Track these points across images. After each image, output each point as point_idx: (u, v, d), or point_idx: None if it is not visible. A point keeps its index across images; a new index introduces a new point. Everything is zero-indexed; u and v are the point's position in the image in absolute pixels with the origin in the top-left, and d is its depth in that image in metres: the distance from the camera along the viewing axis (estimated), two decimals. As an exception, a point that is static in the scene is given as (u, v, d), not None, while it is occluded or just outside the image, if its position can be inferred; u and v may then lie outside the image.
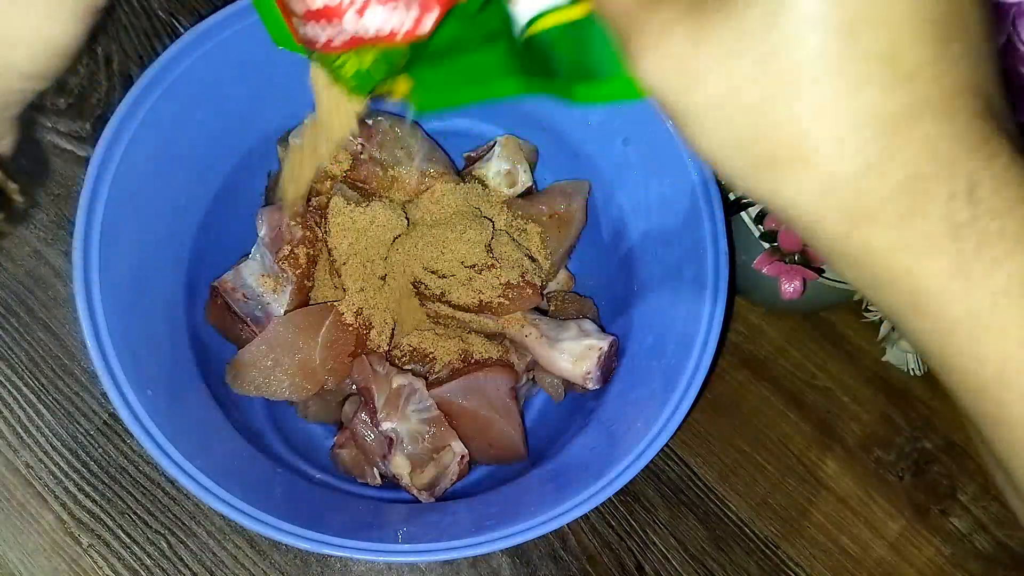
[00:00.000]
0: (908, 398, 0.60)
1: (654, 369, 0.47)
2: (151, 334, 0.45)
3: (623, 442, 0.44)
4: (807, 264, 0.46)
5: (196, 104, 0.46)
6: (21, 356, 0.54)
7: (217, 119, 0.48)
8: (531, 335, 0.50)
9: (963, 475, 0.59)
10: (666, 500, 0.56)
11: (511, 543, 0.41)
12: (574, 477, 0.45)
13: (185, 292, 0.49)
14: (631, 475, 0.43)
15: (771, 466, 0.58)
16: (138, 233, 0.45)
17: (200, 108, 0.46)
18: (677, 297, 0.48)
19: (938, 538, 0.57)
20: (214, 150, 0.49)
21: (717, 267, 0.46)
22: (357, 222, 0.49)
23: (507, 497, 0.47)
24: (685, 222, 0.47)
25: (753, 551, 0.56)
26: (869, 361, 0.60)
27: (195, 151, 0.47)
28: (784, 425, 0.59)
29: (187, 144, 0.46)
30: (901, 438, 0.59)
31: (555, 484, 0.46)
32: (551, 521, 0.42)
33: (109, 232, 0.43)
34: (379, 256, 0.49)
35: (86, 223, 0.42)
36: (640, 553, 0.55)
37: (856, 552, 0.56)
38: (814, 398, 0.59)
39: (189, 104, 0.45)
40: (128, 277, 0.44)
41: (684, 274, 0.47)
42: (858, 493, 0.58)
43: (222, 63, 0.46)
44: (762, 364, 0.60)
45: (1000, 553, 0.57)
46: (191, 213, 0.49)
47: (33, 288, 0.55)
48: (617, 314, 0.53)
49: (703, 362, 0.45)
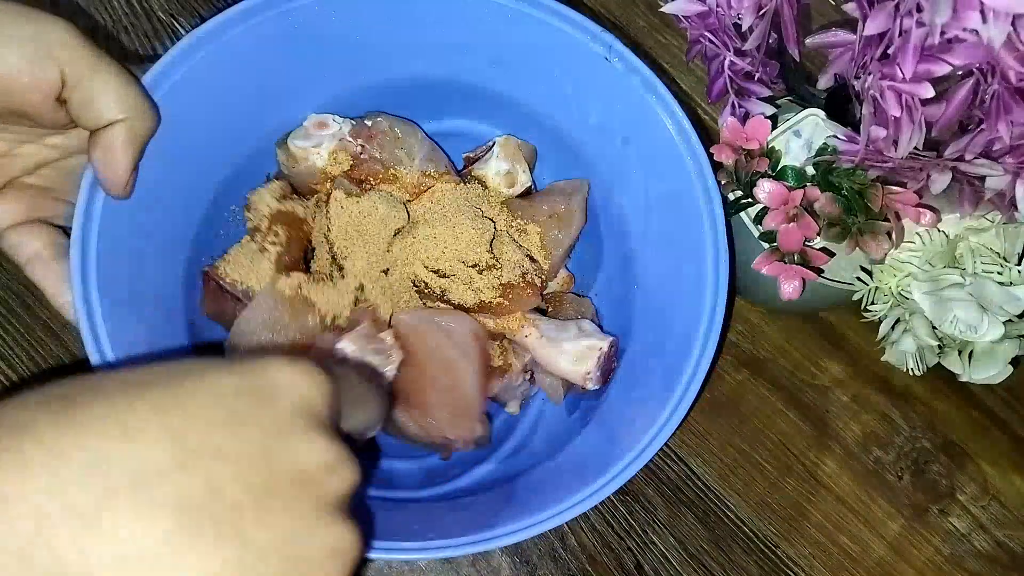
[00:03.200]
0: (908, 398, 0.60)
1: (654, 368, 0.47)
2: (150, 339, 0.45)
3: (623, 441, 0.44)
4: (806, 264, 0.46)
5: (196, 106, 0.46)
6: (21, 356, 0.54)
7: (217, 122, 0.48)
8: (531, 335, 0.50)
9: (962, 475, 0.59)
10: (665, 499, 0.56)
11: (512, 540, 0.41)
12: (574, 475, 0.45)
13: (184, 293, 0.49)
14: (631, 473, 0.43)
15: (770, 466, 0.58)
16: (136, 236, 0.45)
17: (200, 110, 0.46)
18: (677, 296, 0.48)
19: (937, 538, 0.57)
20: (214, 152, 0.49)
21: (717, 267, 0.46)
22: (357, 214, 0.49)
23: (507, 495, 0.47)
24: (685, 221, 0.47)
25: (752, 551, 0.56)
26: (869, 361, 0.60)
27: (195, 153, 0.47)
28: (783, 425, 0.59)
29: (187, 146, 0.46)
30: (900, 438, 0.59)
31: (555, 483, 0.46)
32: (552, 519, 0.42)
33: (107, 236, 0.43)
34: (381, 250, 0.49)
35: (83, 227, 0.42)
36: (639, 552, 0.55)
37: (855, 551, 0.56)
38: (813, 398, 0.59)
39: (189, 106, 0.45)
40: (126, 278, 0.44)
41: (684, 273, 0.47)
42: (857, 493, 0.58)
43: (223, 65, 0.46)
44: (762, 364, 0.60)
45: (999, 553, 0.57)
46: (190, 215, 0.49)
47: (34, 288, 0.54)
48: (617, 313, 0.53)
49: (703, 362, 0.45)
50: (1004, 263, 0.47)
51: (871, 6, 0.37)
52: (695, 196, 0.47)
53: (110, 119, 0.39)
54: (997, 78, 0.36)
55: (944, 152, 0.40)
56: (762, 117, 0.46)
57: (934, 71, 0.36)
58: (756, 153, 0.46)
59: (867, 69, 0.39)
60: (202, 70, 0.45)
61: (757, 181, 0.46)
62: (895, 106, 0.38)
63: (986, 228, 0.48)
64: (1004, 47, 0.35)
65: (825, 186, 0.45)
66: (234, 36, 0.45)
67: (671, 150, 0.47)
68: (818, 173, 0.46)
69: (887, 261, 0.48)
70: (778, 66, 0.47)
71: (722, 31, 0.44)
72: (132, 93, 0.39)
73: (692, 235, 0.47)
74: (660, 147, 0.48)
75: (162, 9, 0.61)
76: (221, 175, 0.50)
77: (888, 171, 0.43)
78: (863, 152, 0.41)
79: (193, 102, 0.45)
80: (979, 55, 0.36)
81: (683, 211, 0.48)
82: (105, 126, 0.39)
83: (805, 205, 0.45)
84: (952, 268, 0.48)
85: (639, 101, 0.48)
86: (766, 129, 0.46)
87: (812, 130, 0.47)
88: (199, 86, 0.45)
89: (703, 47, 0.46)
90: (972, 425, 0.60)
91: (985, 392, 0.60)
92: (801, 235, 0.45)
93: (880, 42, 0.38)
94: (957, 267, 0.48)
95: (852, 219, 0.45)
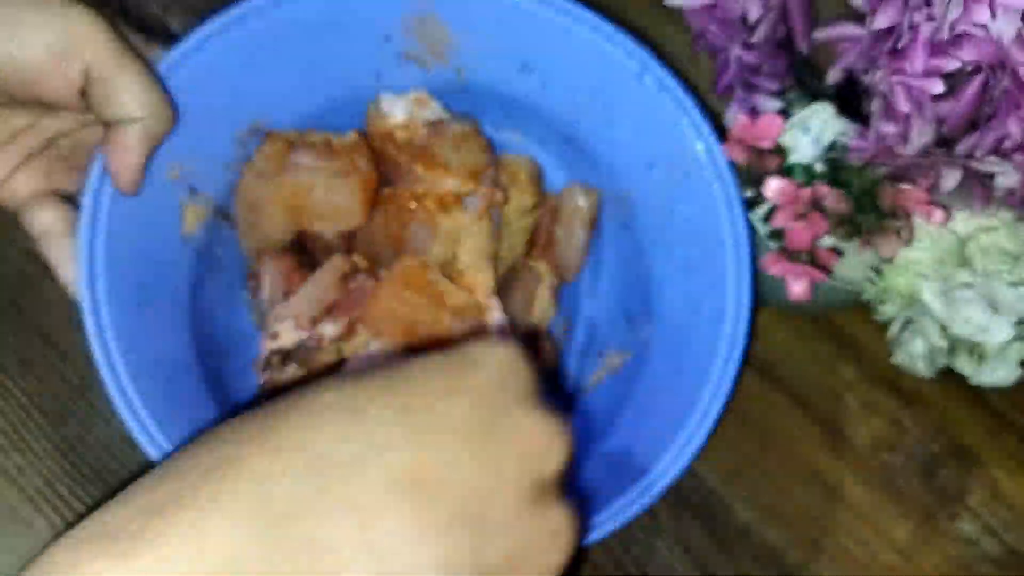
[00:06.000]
0: (917, 401, 0.59)
1: (668, 399, 0.47)
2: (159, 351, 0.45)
3: (630, 473, 0.44)
4: (815, 264, 0.46)
5: (209, 98, 0.46)
6: (12, 359, 0.53)
7: (227, 120, 0.48)
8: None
9: (972, 479, 0.58)
10: (670, 504, 0.55)
11: None
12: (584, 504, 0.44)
13: (191, 285, 0.49)
14: (632, 514, 0.43)
15: (778, 470, 0.57)
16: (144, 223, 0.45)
17: (214, 101, 0.46)
18: (696, 324, 0.47)
19: (947, 543, 0.57)
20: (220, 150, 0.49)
21: (739, 294, 0.46)
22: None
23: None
24: (708, 247, 0.47)
25: (759, 556, 0.55)
26: (878, 363, 0.59)
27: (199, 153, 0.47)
28: (791, 428, 0.58)
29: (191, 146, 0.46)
30: (910, 441, 0.59)
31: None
32: None
33: (116, 216, 0.43)
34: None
35: (92, 208, 0.42)
36: (644, 557, 0.54)
37: (864, 557, 0.56)
38: (822, 400, 0.59)
39: (200, 98, 0.45)
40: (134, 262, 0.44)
41: (704, 300, 0.47)
42: (866, 497, 0.57)
43: (235, 59, 0.46)
44: (769, 366, 0.59)
45: (1009, 558, 0.57)
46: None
47: (24, 289, 0.54)
48: (633, 338, 0.53)
49: (717, 400, 0.45)
50: (1015, 262, 0.47)
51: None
52: (720, 221, 0.46)
53: (127, 117, 0.40)
54: (1007, 74, 0.36)
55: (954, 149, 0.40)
56: (774, 115, 0.46)
57: (944, 66, 0.36)
58: (765, 151, 0.46)
59: (876, 64, 0.39)
60: (217, 62, 0.45)
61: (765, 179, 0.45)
62: (905, 102, 0.38)
63: (996, 227, 0.47)
64: (1013, 42, 0.35)
65: (834, 183, 0.45)
66: (243, 34, 0.46)
67: (699, 172, 0.47)
68: (827, 170, 0.45)
69: (896, 261, 0.48)
70: (786, 60, 0.47)
71: (728, 23, 0.44)
72: (152, 94, 0.40)
73: (715, 261, 0.47)
74: (688, 169, 0.48)
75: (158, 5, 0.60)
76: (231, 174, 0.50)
77: (898, 168, 0.43)
78: (873, 148, 0.41)
79: (204, 95, 0.45)
80: (988, 50, 0.35)
81: (707, 236, 0.47)
82: (121, 122, 0.40)
83: (814, 203, 0.45)
84: (962, 268, 0.47)
85: (669, 121, 0.47)
86: (778, 127, 0.46)
87: (821, 126, 0.47)
88: (210, 78, 0.45)
89: (709, 40, 0.46)
90: (983, 428, 0.59)
91: (996, 395, 0.59)
92: (810, 233, 0.45)
93: (889, 36, 0.38)
94: (967, 267, 0.47)
95: (862, 217, 0.44)
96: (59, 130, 0.44)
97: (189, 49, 0.44)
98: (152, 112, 0.40)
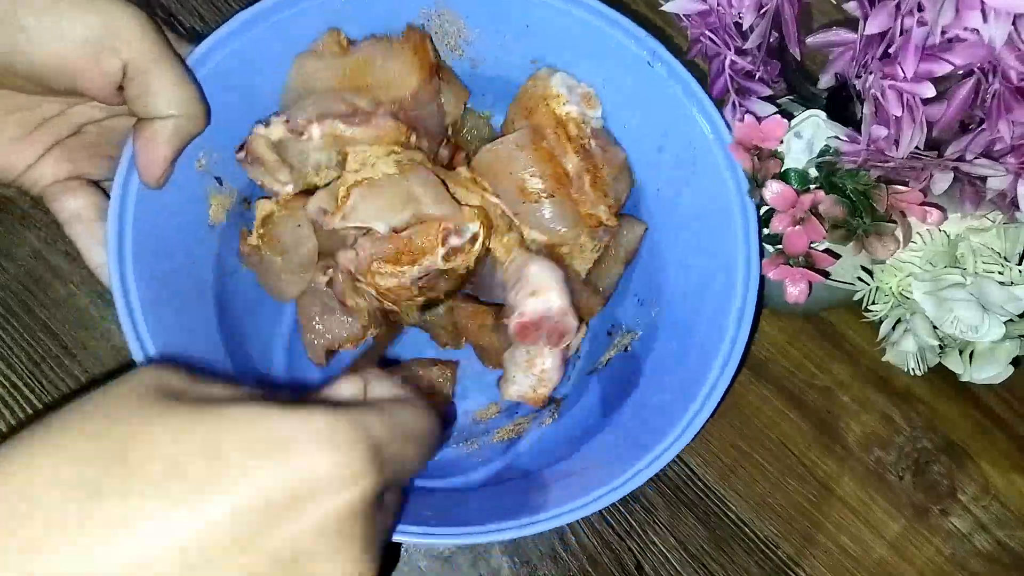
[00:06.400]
0: (908, 398, 0.60)
1: (675, 377, 0.48)
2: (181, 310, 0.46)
3: (636, 448, 0.44)
4: (811, 267, 0.46)
5: (235, 91, 0.46)
6: (21, 357, 0.54)
7: (252, 113, 0.48)
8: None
9: (963, 475, 0.59)
10: (666, 500, 0.56)
11: (516, 535, 0.41)
12: (586, 477, 0.45)
13: (216, 273, 0.49)
14: (639, 482, 0.43)
15: (771, 466, 0.58)
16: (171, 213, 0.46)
17: (240, 94, 0.46)
18: (704, 308, 0.48)
19: (938, 538, 0.57)
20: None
21: (748, 280, 0.46)
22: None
23: (519, 489, 0.47)
24: (718, 233, 0.48)
25: (753, 551, 0.56)
26: (869, 361, 0.60)
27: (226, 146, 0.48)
28: (784, 425, 0.59)
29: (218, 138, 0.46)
30: (901, 438, 0.59)
31: (565, 482, 0.46)
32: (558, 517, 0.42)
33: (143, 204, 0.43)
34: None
35: (121, 197, 0.43)
36: (640, 553, 0.55)
37: (856, 552, 0.56)
38: (814, 398, 0.59)
39: (226, 90, 0.45)
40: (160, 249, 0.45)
41: (713, 285, 0.47)
42: (858, 493, 0.58)
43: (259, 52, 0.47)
44: (762, 364, 0.60)
45: (1000, 553, 0.57)
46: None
47: (33, 288, 0.55)
48: (641, 320, 0.53)
49: (725, 375, 0.45)
50: (1005, 263, 0.47)
51: (872, 5, 0.37)
52: (731, 208, 0.47)
53: (160, 114, 0.40)
54: (998, 78, 0.36)
55: (945, 152, 0.40)
56: (779, 116, 0.46)
57: (935, 70, 0.36)
58: (766, 154, 0.46)
59: (868, 68, 0.39)
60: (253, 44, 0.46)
61: (766, 182, 0.45)
62: (896, 105, 0.38)
63: (987, 228, 0.48)
64: (1005, 46, 0.35)
65: (829, 188, 0.45)
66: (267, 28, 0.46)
67: (709, 159, 0.47)
68: (821, 175, 0.46)
69: (888, 261, 0.48)
70: (779, 65, 0.47)
71: (723, 30, 0.44)
72: (186, 93, 0.40)
73: (725, 247, 0.47)
74: (698, 156, 0.48)
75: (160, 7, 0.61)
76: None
77: (890, 171, 0.43)
78: (864, 152, 0.41)
79: (227, 88, 0.46)
80: (980, 54, 0.35)
81: (717, 222, 0.48)
82: (154, 118, 0.40)
83: (811, 208, 0.45)
84: (953, 268, 0.48)
85: (679, 108, 0.48)
86: (782, 129, 0.46)
87: (813, 131, 0.47)
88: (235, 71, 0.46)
89: (704, 46, 0.46)
90: (973, 425, 0.60)
91: (986, 392, 0.60)
92: (807, 238, 0.45)
93: (881, 41, 0.38)
94: (958, 267, 0.48)
95: (857, 221, 0.44)
96: (89, 118, 0.45)
97: (216, 43, 0.45)
98: (186, 111, 0.40)
